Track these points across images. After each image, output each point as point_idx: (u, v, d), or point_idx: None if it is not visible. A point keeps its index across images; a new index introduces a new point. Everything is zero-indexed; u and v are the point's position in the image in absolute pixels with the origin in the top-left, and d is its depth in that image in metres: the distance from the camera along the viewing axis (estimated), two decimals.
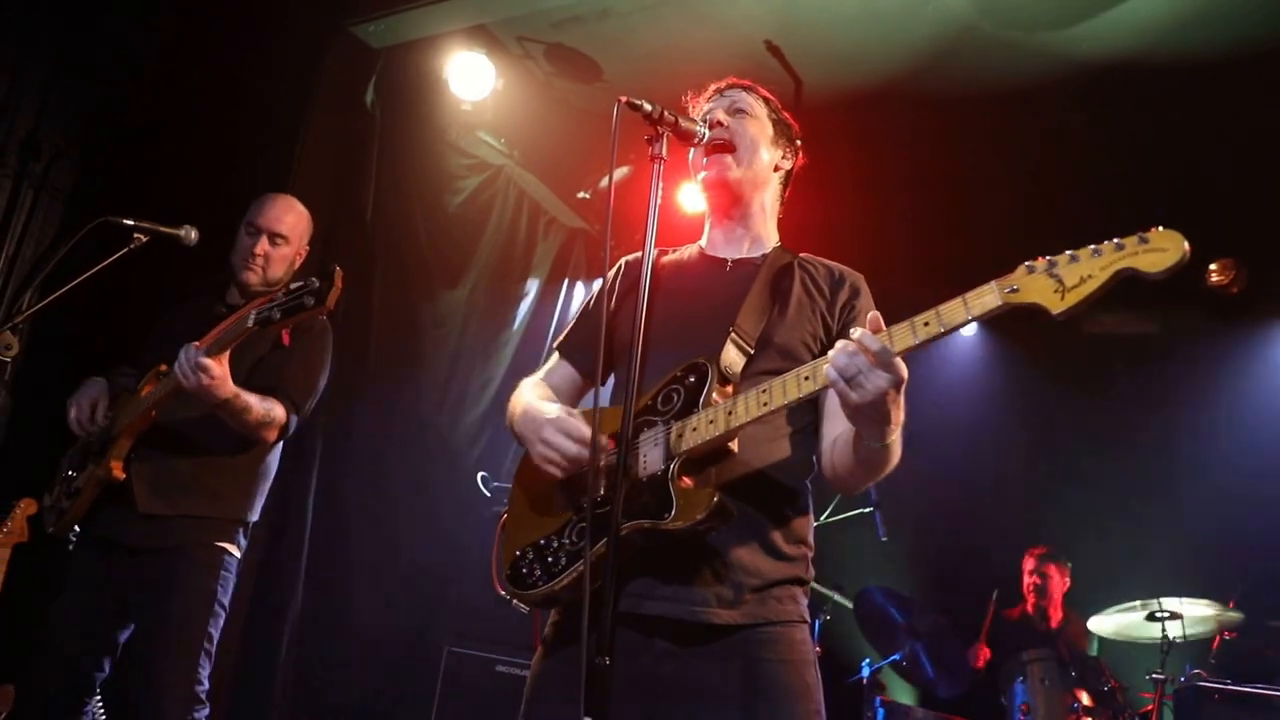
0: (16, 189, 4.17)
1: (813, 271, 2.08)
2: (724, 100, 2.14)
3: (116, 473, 2.84)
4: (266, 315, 2.53)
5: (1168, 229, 1.40)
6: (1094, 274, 1.44)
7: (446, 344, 5.28)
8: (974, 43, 4.34)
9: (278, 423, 2.92)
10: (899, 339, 1.57)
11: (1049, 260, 1.48)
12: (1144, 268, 1.40)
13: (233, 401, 2.75)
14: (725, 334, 1.90)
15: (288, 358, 3.00)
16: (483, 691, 4.33)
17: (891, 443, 1.69)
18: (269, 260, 3.12)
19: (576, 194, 5.83)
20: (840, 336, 1.94)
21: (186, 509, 2.90)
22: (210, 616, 2.87)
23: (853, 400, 1.58)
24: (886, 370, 1.55)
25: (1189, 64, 4.21)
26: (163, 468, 2.90)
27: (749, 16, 4.40)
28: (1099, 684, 4.54)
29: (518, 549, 1.91)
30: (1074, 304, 1.45)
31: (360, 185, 4.69)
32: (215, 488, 2.95)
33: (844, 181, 4.48)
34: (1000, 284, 1.51)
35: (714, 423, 1.74)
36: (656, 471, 1.76)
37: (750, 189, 2.11)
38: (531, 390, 2.11)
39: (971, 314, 1.52)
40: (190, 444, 2.93)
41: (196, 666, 2.80)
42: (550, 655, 1.91)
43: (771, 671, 1.78)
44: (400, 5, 4.46)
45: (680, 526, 1.67)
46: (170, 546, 2.86)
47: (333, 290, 2.43)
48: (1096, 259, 1.44)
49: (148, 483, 2.87)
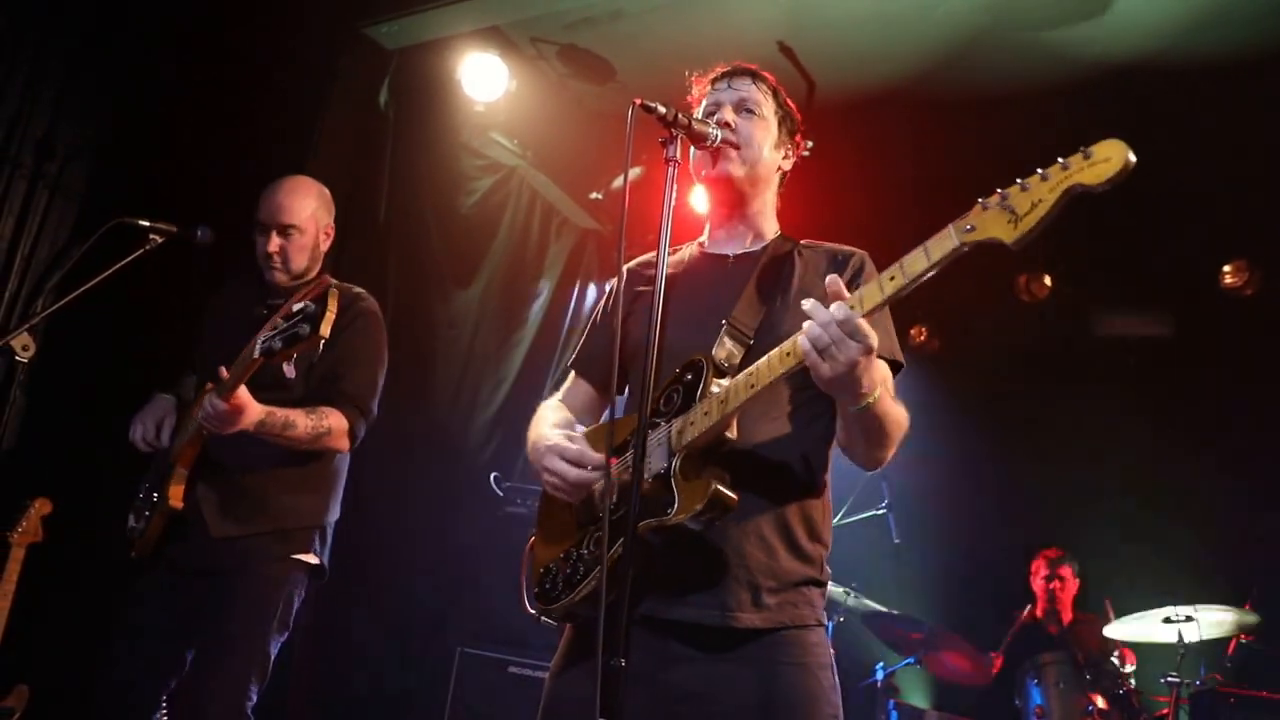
0: (32, 189, 4.19)
1: (813, 256, 2.07)
2: (731, 92, 2.09)
3: (175, 502, 2.77)
4: (268, 346, 2.47)
5: (1111, 139, 1.41)
6: (1043, 197, 1.44)
7: (459, 344, 5.28)
8: (986, 45, 4.33)
9: (339, 431, 2.82)
10: (868, 298, 1.58)
11: (1001, 193, 1.49)
12: (1089, 181, 1.41)
13: (266, 422, 2.66)
14: (720, 327, 1.90)
15: (336, 360, 2.89)
16: (496, 693, 4.33)
17: (872, 404, 1.66)
18: (286, 255, 2.99)
19: (589, 195, 5.83)
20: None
21: (260, 526, 2.80)
22: (272, 634, 2.77)
23: (825, 372, 1.58)
24: (854, 338, 1.55)
25: (1201, 66, 4.19)
26: (227, 488, 2.81)
27: (761, 18, 4.39)
28: (1114, 687, 4.51)
29: (542, 566, 1.94)
30: (1026, 230, 1.45)
31: (374, 186, 4.70)
32: (287, 500, 2.85)
33: (856, 183, 4.47)
34: (957, 225, 1.52)
35: (709, 413, 1.74)
36: (660, 470, 1.76)
37: (752, 188, 2.10)
38: (549, 414, 2.12)
39: (932, 259, 1.53)
40: (249, 460, 2.81)
41: (246, 686, 2.71)
42: (568, 658, 1.92)
43: (789, 675, 1.77)
44: (414, 6, 4.47)
45: (681, 519, 1.68)
46: (240, 565, 2.77)
47: (325, 315, 2.36)
48: (1045, 183, 1.45)
49: (216, 506, 2.78)
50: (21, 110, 4.13)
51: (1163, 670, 4.35)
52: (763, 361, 1.69)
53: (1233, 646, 4.56)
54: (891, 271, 1.57)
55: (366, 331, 3.01)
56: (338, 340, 2.77)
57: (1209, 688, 4.16)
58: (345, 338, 2.90)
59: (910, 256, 1.56)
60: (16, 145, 4.12)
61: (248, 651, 2.73)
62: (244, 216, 3.23)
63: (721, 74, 2.14)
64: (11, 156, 4.10)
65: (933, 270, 1.54)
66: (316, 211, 3.07)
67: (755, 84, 2.12)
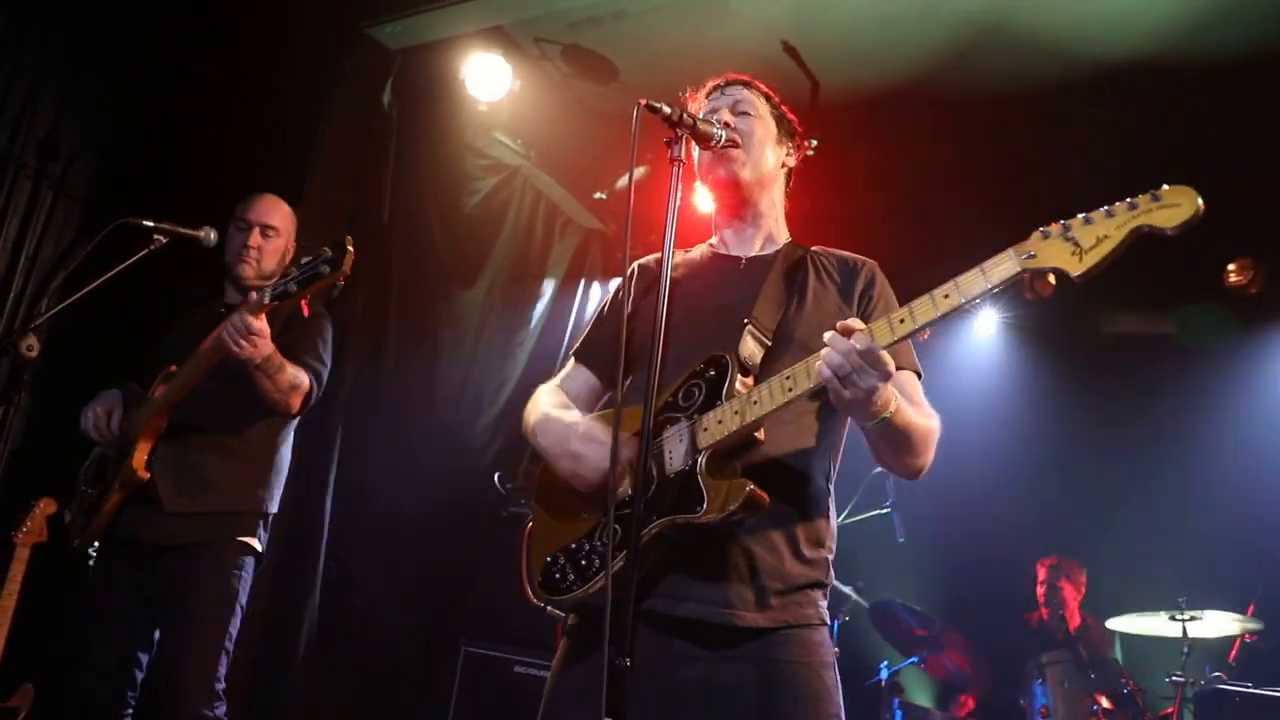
0: (36, 190, 4.20)
1: (826, 263, 2.08)
2: (725, 99, 2.13)
3: (141, 473, 2.87)
4: (283, 289, 2.57)
5: (1179, 185, 1.41)
6: (1110, 233, 1.45)
7: (463, 344, 5.29)
8: (989, 44, 4.32)
9: (303, 388, 2.96)
10: (921, 313, 1.58)
11: (1063, 224, 1.49)
12: (1159, 223, 1.42)
13: (271, 359, 2.80)
14: (742, 327, 1.90)
15: (296, 337, 3.06)
16: (500, 692, 4.34)
17: (890, 418, 1.68)
18: (262, 252, 3.18)
19: (593, 195, 5.83)
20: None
21: (210, 505, 2.93)
22: (230, 615, 2.91)
23: (845, 397, 1.61)
24: (875, 368, 1.57)
25: (1206, 64, 4.18)
26: (184, 465, 2.94)
27: (765, 17, 4.39)
28: (1118, 686, 4.50)
29: (548, 555, 1.90)
30: (1093, 264, 1.46)
31: (377, 186, 4.71)
32: (235, 483, 3.00)
33: (861, 181, 4.47)
34: (1018, 250, 1.52)
35: (739, 413, 1.74)
36: (684, 467, 1.76)
37: (758, 189, 2.11)
38: (548, 397, 2.11)
39: (991, 282, 1.53)
40: (208, 441, 2.98)
41: (216, 664, 2.84)
42: (571, 655, 1.91)
43: (790, 674, 1.78)
44: (417, 7, 4.47)
45: (714, 519, 1.67)
46: (194, 543, 2.90)
47: (347, 256, 2.46)
48: (1110, 219, 1.45)
49: (171, 481, 2.90)
50: (25, 111, 4.14)
51: (1167, 670, 4.35)
52: (800, 367, 1.69)
53: (1237, 646, 4.55)
54: (946, 289, 1.56)
55: (326, 328, 3.22)
56: (299, 330, 3.06)
57: (1214, 687, 4.15)
58: (307, 329, 3.13)
59: (966, 277, 1.54)
60: (20, 146, 4.13)
61: (212, 631, 2.86)
62: None
63: (714, 85, 2.18)
64: (15, 157, 4.11)
65: (989, 293, 1.53)
66: (292, 227, 3.33)
67: (748, 90, 2.16)
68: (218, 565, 2.92)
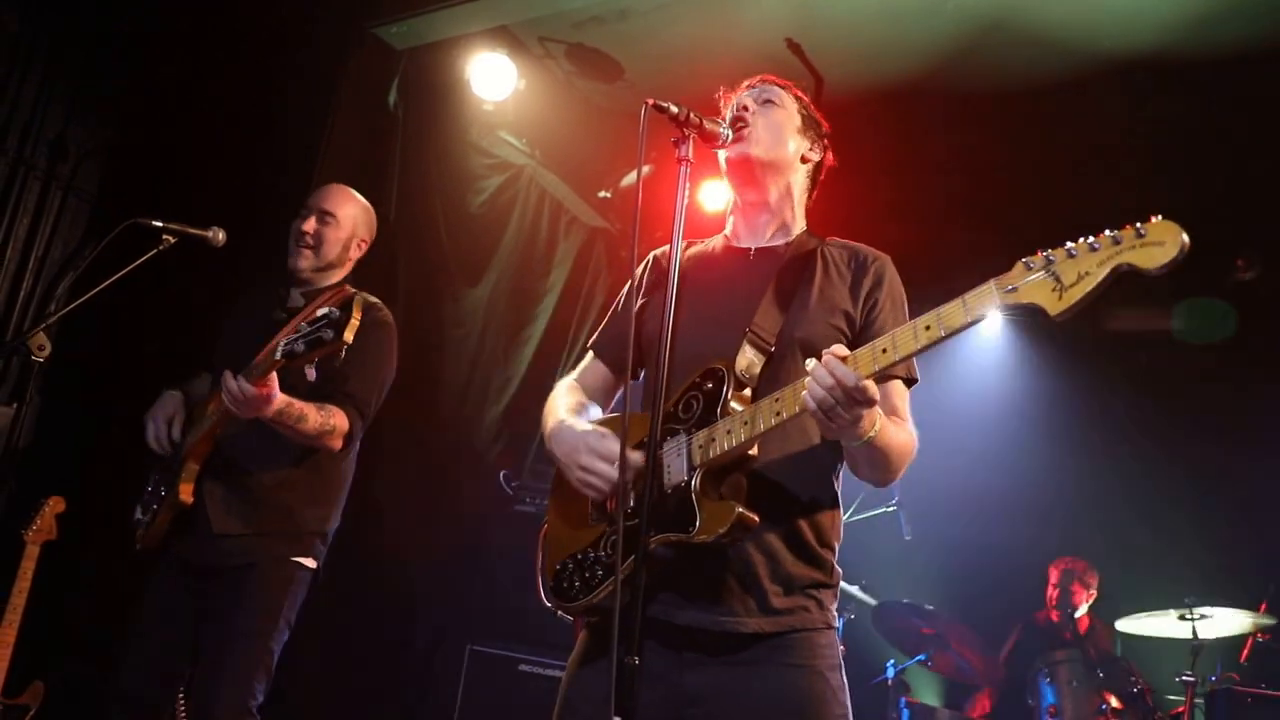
0: (45, 190, 4.23)
1: (837, 257, 2.06)
2: (755, 92, 2.16)
3: (185, 497, 2.82)
4: (291, 349, 2.51)
5: (1165, 220, 1.36)
6: (1091, 271, 1.40)
7: (468, 343, 5.29)
8: (995, 40, 4.31)
9: (340, 431, 2.85)
10: (902, 344, 1.58)
11: (1046, 257, 1.45)
12: (1141, 263, 1.36)
13: (285, 411, 2.71)
14: (742, 335, 1.90)
15: (346, 363, 2.89)
16: (505, 691, 4.34)
17: (873, 439, 1.69)
18: (319, 239, 3.06)
19: (597, 193, 5.83)
20: (864, 329, 1.95)
21: (260, 526, 2.86)
22: (275, 633, 2.83)
23: (830, 426, 1.65)
24: (858, 399, 1.59)
25: (1213, 59, 4.15)
26: (234, 486, 2.86)
27: (769, 14, 4.38)
28: (1127, 685, 4.48)
29: (558, 562, 1.95)
30: (1071, 304, 1.42)
31: (383, 186, 4.71)
32: (288, 502, 2.90)
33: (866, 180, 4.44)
34: (999, 283, 1.49)
35: (731, 433, 1.75)
36: (680, 483, 1.77)
37: (772, 171, 2.09)
38: (565, 396, 2.13)
39: (971, 316, 1.51)
40: (259, 460, 2.88)
41: (252, 681, 2.76)
42: (583, 660, 1.94)
43: (797, 678, 1.79)
44: (423, 7, 4.48)
45: (705, 540, 1.70)
46: (245, 563, 2.83)
47: (349, 323, 2.41)
48: (1093, 254, 1.40)
49: (220, 502, 2.84)
50: (35, 112, 4.16)
51: (1176, 669, 4.33)
52: (789, 390, 1.70)
53: (1249, 646, 4.53)
54: (928, 320, 1.56)
55: (379, 340, 3.06)
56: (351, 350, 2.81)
57: (1225, 687, 4.14)
58: (357, 343, 2.91)
59: (948, 309, 1.53)
60: (30, 146, 4.16)
61: (252, 650, 2.78)
62: (256, 216, 3.26)
63: (748, 84, 2.20)
64: (26, 158, 4.14)
65: (969, 326, 1.52)
66: (358, 216, 3.19)
67: (779, 88, 2.18)
68: (264, 583, 2.83)
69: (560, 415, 2.04)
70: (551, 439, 2.01)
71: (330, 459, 2.98)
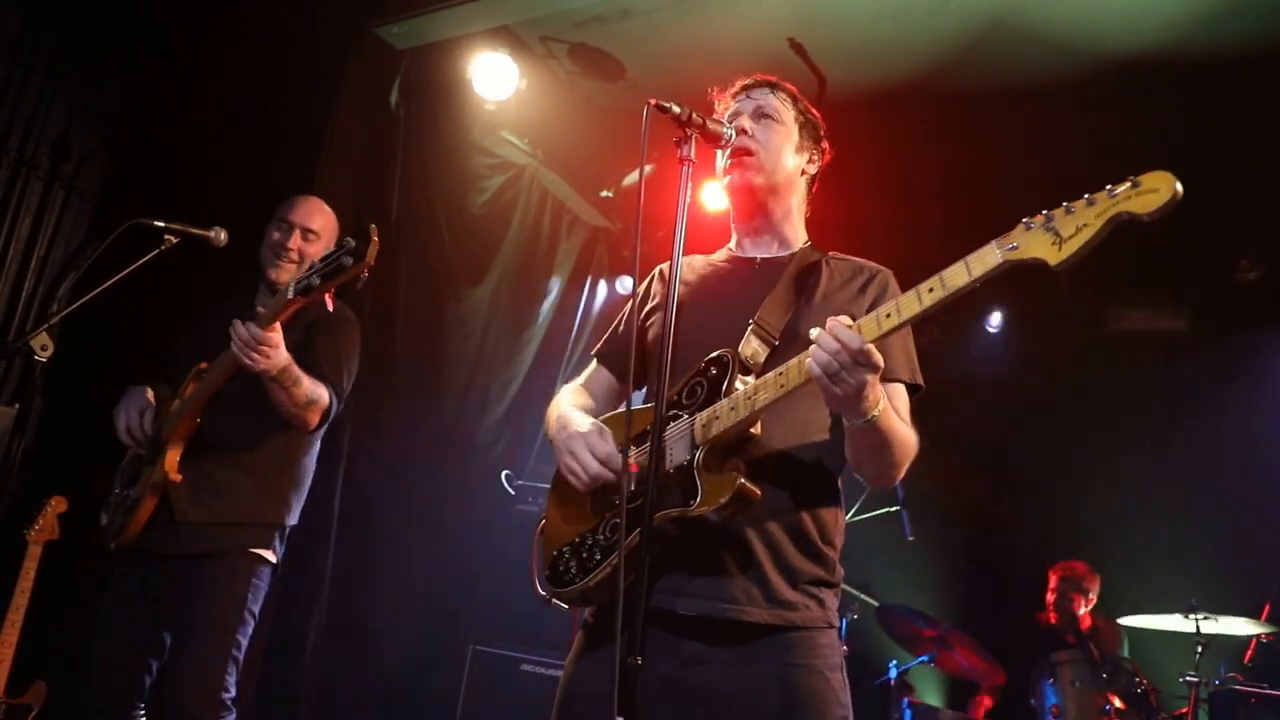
0: (48, 190, 4.23)
1: (840, 268, 2.08)
2: (749, 102, 2.13)
3: (173, 475, 2.81)
4: (305, 283, 2.47)
5: (1159, 170, 1.42)
6: (1089, 222, 1.45)
7: (470, 342, 5.30)
8: (998, 39, 4.30)
9: (321, 404, 2.87)
10: (906, 307, 1.59)
11: (1045, 215, 1.50)
12: (1137, 210, 1.42)
13: (288, 370, 2.71)
14: (746, 326, 1.92)
15: (315, 344, 2.96)
16: (508, 691, 4.34)
17: (876, 418, 1.69)
18: (303, 256, 3.09)
19: (599, 193, 5.84)
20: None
21: (223, 515, 2.87)
22: (239, 624, 2.84)
23: (835, 394, 1.63)
24: (864, 363, 1.59)
25: (1217, 58, 4.15)
26: (199, 474, 2.87)
27: (771, 14, 4.38)
28: (1131, 686, 4.46)
29: (555, 549, 1.95)
30: (1071, 253, 1.46)
31: (385, 185, 4.72)
32: (251, 494, 2.92)
33: (868, 179, 4.44)
34: (1000, 242, 1.53)
35: (735, 409, 1.76)
36: (682, 462, 1.78)
37: (774, 196, 2.11)
38: (570, 397, 2.15)
39: (974, 275, 1.54)
40: (226, 450, 2.91)
41: (224, 672, 2.78)
42: (583, 656, 1.93)
43: (799, 678, 1.79)
44: (424, 7, 4.48)
45: (705, 511, 1.71)
46: (206, 553, 2.84)
47: (371, 246, 2.36)
48: (1091, 208, 1.46)
49: (186, 490, 2.85)
50: (37, 112, 4.17)
51: (1180, 669, 4.32)
52: (794, 363, 1.71)
53: (1253, 647, 4.52)
54: (931, 283, 1.57)
55: (349, 333, 3.13)
56: (320, 337, 2.97)
57: (1229, 687, 4.12)
58: (329, 335, 3.03)
59: (951, 270, 1.56)
60: (33, 146, 4.16)
61: (218, 640, 2.79)
62: (258, 217, 3.25)
63: (741, 87, 2.18)
64: (28, 158, 4.14)
65: (972, 285, 1.54)
66: (332, 226, 3.26)
67: (774, 93, 2.15)
68: (228, 574, 2.85)
69: (563, 409, 2.06)
70: (552, 427, 2.03)
71: (297, 451, 3.03)
